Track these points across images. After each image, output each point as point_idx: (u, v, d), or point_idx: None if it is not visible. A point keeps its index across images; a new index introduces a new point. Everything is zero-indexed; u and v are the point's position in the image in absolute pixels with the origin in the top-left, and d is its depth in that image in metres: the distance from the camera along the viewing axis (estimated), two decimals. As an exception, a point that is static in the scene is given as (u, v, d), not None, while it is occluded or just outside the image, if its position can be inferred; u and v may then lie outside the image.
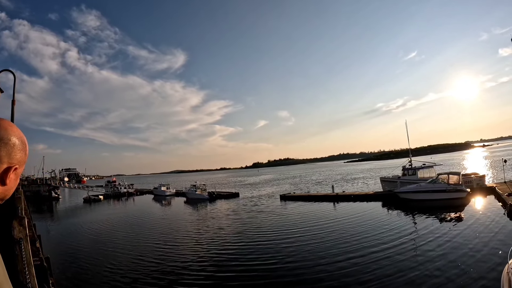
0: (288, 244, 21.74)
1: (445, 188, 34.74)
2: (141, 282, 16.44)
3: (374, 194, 43.03)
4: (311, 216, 32.50)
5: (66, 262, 20.92)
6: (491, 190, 36.23)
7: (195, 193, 61.70)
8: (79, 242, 27.47)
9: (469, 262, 15.20)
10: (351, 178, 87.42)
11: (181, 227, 32.25)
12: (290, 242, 22.37)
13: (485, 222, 23.14)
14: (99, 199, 70.60)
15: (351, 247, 19.84)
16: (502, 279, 9.34)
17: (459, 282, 13.05)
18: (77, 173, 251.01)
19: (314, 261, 17.67)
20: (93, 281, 17.03)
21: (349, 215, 31.04)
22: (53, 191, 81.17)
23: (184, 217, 39.80)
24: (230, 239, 25.10)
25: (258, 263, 18.32)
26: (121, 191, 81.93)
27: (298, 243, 21.74)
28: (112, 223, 37.87)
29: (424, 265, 15.48)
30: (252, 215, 36.09)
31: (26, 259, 7.16)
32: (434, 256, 16.79)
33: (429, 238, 20.56)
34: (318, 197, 46.51)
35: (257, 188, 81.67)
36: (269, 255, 19.58)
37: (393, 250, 18.50)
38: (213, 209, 44.91)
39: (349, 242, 20.98)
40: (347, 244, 20.64)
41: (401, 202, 35.95)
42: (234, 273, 16.86)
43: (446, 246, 18.26)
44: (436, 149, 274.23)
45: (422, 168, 44.00)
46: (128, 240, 27.42)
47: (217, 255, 20.59)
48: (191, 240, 25.53)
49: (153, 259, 20.45)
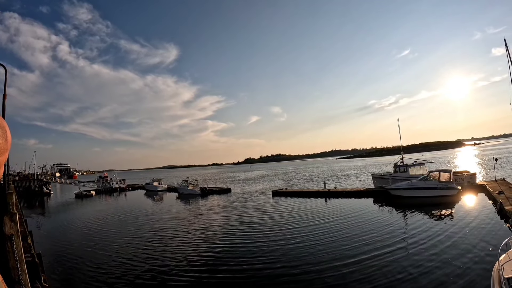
0: (280, 240, 21.81)
1: (436, 186, 35.04)
2: (132, 277, 16.40)
3: (365, 191, 43.29)
4: (303, 212, 32.67)
5: (58, 258, 20.81)
6: (482, 188, 36.60)
7: (187, 189, 61.76)
8: (71, 238, 27.32)
9: (460, 259, 15.35)
10: (343, 174, 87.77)
11: (172, 223, 32.18)
12: (282, 237, 22.44)
13: (475, 220, 23.37)
14: (91, 195, 70.17)
15: (342, 243, 19.95)
16: (493, 276, 9.47)
17: (450, 279, 13.19)
18: (69, 168, 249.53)
19: (305, 257, 17.75)
20: (84, 277, 16.96)
21: (340, 211, 31.23)
22: (45, 187, 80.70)
23: (176, 213, 39.73)
24: (221, 235, 25.12)
25: (248, 259, 18.38)
26: (113, 186, 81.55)
27: (289, 239, 21.81)
28: (104, 218, 37.70)
29: (414, 262, 15.63)
30: (243, 211, 36.16)
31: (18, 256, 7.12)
32: (424, 252, 16.95)
33: (420, 234, 20.75)
34: (309, 193, 46.71)
35: (249, 184, 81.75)
36: (260, 251, 19.64)
37: (384, 246, 18.63)
38: (204, 205, 44.93)
39: (340, 238, 21.11)
40: (338, 240, 20.77)
41: (392, 199, 36.27)
42: (225, 269, 16.89)
43: (436, 243, 18.43)
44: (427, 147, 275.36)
45: (413, 165, 44.29)
46: (120, 236, 27.33)
47: (209, 251, 20.58)
48: (182, 236, 25.49)
49: (144, 255, 20.42)
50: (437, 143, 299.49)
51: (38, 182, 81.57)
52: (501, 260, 9.29)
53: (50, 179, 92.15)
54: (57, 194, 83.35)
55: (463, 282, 12.79)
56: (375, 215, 28.59)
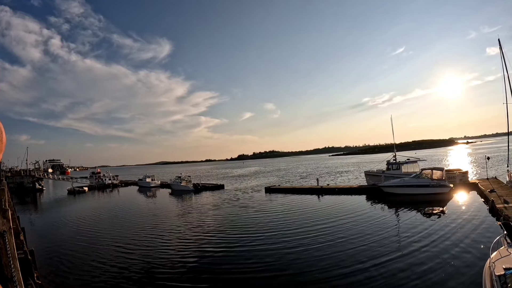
0: (272, 237, 21.89)
1: (429, 183, 35.29)
2: (124, 273, 16.36)
3: (358, 188, 43.58)
4: (296, 208, 32.81)
5: (51, 255, 20.70)
6: (474, 186, 36.90)
7: (180, 185, 61.71)
8: (64, 235, 27.18)
9: (451, 257, 15.48)
10: (336, 171, 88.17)
11: (165, 219, 32.10)
12: (274, 234, 22.53)
13: (467, 218, 23.59)
14: (84, 191, 69.82)
15: (334, 239, 20.05)
16: (484, 273, 9.58)
17: (441, 276, 13.29)
18: (61, 164, 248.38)
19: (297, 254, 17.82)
20: (77, 274, 16.89)
21: (333, 208, 31.42)
22: (37, 183, 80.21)
23: (169, 209, 39.66)
24: (214, 231, 25.11)
25: (241, 255, 18.41)
26: (106, 182, 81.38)
27: (282, 236, 21.88)
28: (97, 215, 37.53)
29: (405, 258, 15.74)
30: (236, 207, 36.23)
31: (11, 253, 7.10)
32: (416, 249, 17.06)
33: (411, 231, 20.89)
34: (302, 190, 46.93)
35: (242, 180, 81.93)
36: (253, 247, 19.72)
37: (375, 243, 18.76)
38: (197, 201, 44.93)
39: (332, 234, 21.22)
40: (330, 236, 20.86)
41: (384, 196, 36.51)
42: (217, 266, 16.90)
43: (428, 240, 18.55)
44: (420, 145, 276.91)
45: (406, 163, 44.58)
46: (112, 232, 27.22)
47: (201, 248, 20.55)
48: (175, 233, 25.43)
49: (136, 252, 20.37)
50: (430, 141, 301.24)
51: (31, 178, 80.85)
52: (493, 258, 9.41)
53: (43, 175, 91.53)
54: (50, 190, 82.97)
55: (455, 279, 12.89)
56: (367, 212, 28.73)
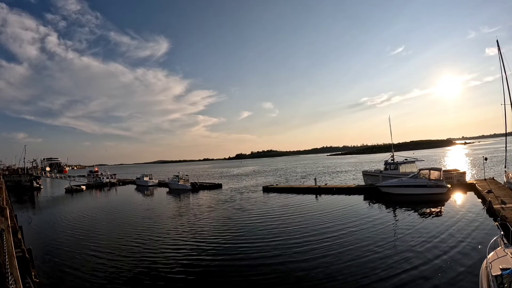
0: (269, 235, 21.93)
1: (426, 183, 35.38)
2: (121, 272, 16.35)
3: (356, 187, 43.63)
4: (293, 208, 32.83)
5: (49, 253, 20.66)
6: (471, 186, 36.98)
7: (177, 184, 61.73)
8: (61, 233, 27.13)
9: (448, 257, 15.50)
10: (334, 171, 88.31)
11: (163, 218, 32.07)
12: (272, 233, 22.55)
13: (464, 218, 23.63)
14: (81, 189, 69.67)
15: (331, 239, 20.07)
16: (481, 273, 9.65)
17: (438, 277, 13.31)
18: (59, 163, 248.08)
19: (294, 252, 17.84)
20: (75, 272, 16.86)
21: (330, 208, 31.42)
22: (35, 181, 79.95)
23: (166, 208, 39.59)
24: (212, 231, 25.09)
25: (238, 255, 18.41)
26: (104, 181, 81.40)
27: (280, 235, 21.87)
28: (94, 213, 37.44)
29: (402, 258, 15.76)
30: (234, 207, 36.23)
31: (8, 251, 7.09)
32: (413, 250, 17.08)
33: (408, 231, 20.96)
34: (300, 189, 46.99)
35: (240, 179, 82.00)
36: (250, 246, 19.72)
37: (372, 243, 18.77)
38: (195, 200, 44.93)
39: (329, 234, 21.21)
40: (326, 235, 20.90)
41: (382, 196, 36.61)
42: (215, 266, 16.93)
43: (425, 240, 18.59)
44: (418, 145, 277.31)
45: (404, 163, 44.69)
46: (110, 231, 27.20)
47: (199, 247, 20.54)
48: (172, 232, 25.41)
49: (133, 251, 20.36)
50: (427, 142, 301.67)
51: (28, 176, 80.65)
52: (490, 258, 9.47)
53: (40, 174, 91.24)
54: (47, 188, 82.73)
55: (452, 279, 12.91)
56: (365, 212, 28.78)
